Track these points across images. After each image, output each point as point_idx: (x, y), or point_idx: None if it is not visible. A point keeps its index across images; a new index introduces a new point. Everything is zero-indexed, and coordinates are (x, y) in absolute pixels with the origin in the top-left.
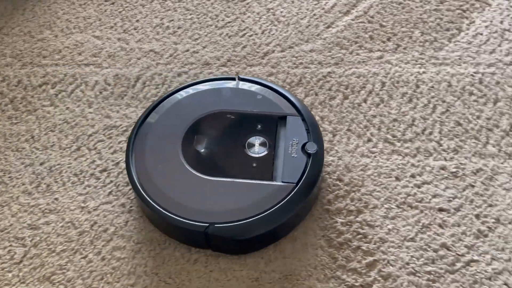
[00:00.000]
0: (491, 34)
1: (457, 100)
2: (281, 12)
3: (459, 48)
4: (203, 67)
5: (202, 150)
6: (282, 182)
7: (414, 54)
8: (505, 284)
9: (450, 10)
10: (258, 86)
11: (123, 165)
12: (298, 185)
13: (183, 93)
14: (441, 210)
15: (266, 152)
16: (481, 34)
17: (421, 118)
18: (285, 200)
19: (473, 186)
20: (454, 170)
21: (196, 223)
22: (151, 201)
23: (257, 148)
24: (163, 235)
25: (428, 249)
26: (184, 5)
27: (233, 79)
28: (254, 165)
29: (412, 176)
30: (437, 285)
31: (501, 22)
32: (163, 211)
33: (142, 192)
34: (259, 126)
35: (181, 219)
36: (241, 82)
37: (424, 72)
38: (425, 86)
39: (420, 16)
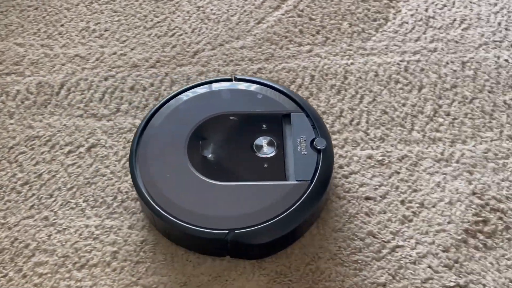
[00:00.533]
0: (416, 22)
1: (383, 89)
2: (211, 10)
3: (385, 37)
4: (131, 69)
5: (209, 156)
6: (296, 181)
7: (343, 46)
8: (429, 267)
9: (377, 0)
10: (256, 85)
11: (46, 176)
12: (313, 183)
13: (180, 99)
14: (367, 198)
15: (275, 152)
16: (407, 22)
17: (349, 109)
18: (302, 199)
19: (398, 172)
20: (381, 158)
21: (216, 231)
22: (164, 213)
23: (265, 148)
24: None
25: (355, 238)
26: (112, 7)
27: (230, 80)
28: (265, 166)
29: (340, 167)
30: (363, 273)
31: (426, 10)
32: (179, 222)
33: (154, 204)
34: (264, 126)
35: (200, 229)
36: (238, 83)
37: (352, 63)
38: (353, 77)
39: (348, 7)
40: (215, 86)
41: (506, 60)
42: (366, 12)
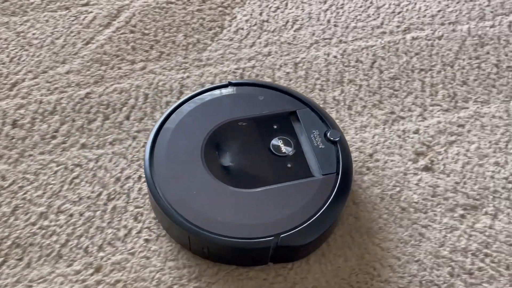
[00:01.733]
0: (251, 27)
1: None
2: (34, 34)
3: (221, 46)
4: None
5: (229, 164)
6: (323, 175)
7: (178, 59)
8: None
9: (212, 8)
10: (254, 87)
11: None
12: (340, 174)
13: (182, 111)
14: None
15: (293, 150)
16: (242, 28)
17: None
18: (335, 191)
19: None
20: None
21: (261, 240)
22: (202, 231)
23: (283, 148)
24: None
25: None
26: None
27: (226, 86)
28: (289, 165)
29: None
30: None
31: (260, 14)
32: (220, 237)
33: (188, 224)
34: (275, 127)
35: (244, 240)
36: (235, 88)
37: (188, 77)
38: (189, 91)
39: (183, 18)
40: (213, 94)
41: (335, 57)
42: (201, 22)
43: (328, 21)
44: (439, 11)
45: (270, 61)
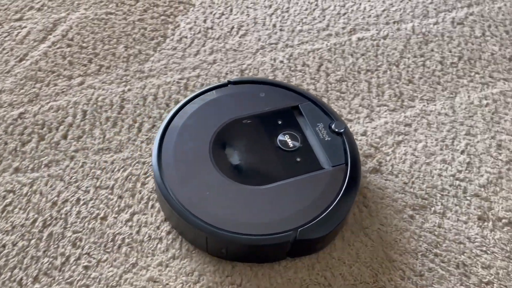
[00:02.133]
0: (195, 35)
1: (163, 112)
2: None
3: (164, 56)
4: None
5: (239, 163)
6: (332, 166)
7: (119, 72)
8: None
9: (154, 17)
10: (254, 85)
11: None
12: (349, 165)
13: (185, 113)
14: None
15: (300, 144)
16: (186, 37)
17: (127, 140)
18: (346, 181)
19: None
20: None
21: (281, 235)
22: (220, 231)
23: (290, 143)
24: None
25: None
26: None
27: (225, 85)
28: (298, 159)
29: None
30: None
31: (204, 21)
32: (239, 235)
33: (206, 225)
34: (280, 122)
35: (264, 237)
36: (235, 86)
37: (129, 90)
38: (130, 105)
39: (123, 29)
40: (213, 94)
41: (282, 62)
42: (143, 32)
43: (274, 25)
44: (383, 10)
45: (216, 69)
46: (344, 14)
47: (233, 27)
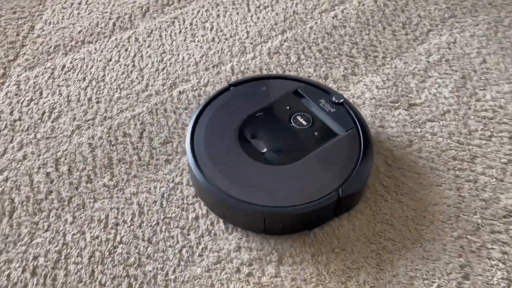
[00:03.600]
0: (1, 132)
1: None
2: None
3: None
4: None
5: (268, 150)
6: (346, 131)
7: None
8: None
9: None
10: (252, 82)
11: None
12: (358, 127)
13: (202, 124)
14: None
15: (312, 121)
16: None
17: None
18: (362, 140)
19: None
20: None
21: (326, 197)
22: (276, 208)
23: (304, 121)
24: None
25: None
26: None
27: (228, 88)
28: (316, 133)
29: None
30: None
31: (11, 113)
32: (293, 207)
33: (263, 207)
34: (288, 107)
35: (313, 202)
36: (235, 88)
37: None
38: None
39: None
40: (220, 100)
41: (101, 138)
42: None
43: (90, 99)
44: (202, 56)
45: (27, 165)
46: (163, 69)
47: (44, 112)
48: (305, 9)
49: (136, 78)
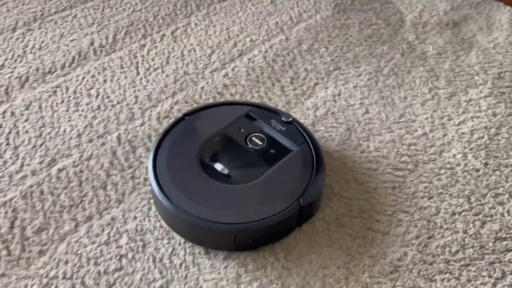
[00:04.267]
0: None
1: None
2: None
3: None
4: None
5: (230, 170)
6: (298, 146)
7: None
8: None
9: None
10: (206, 110)
11: None
12: (309, 141)
13: (164, 151)
14: None
15: (267, 139)
16: None
17: None
18: (314, 153)
19: None
20: None
21: (290, 208)
22: (246, 224)
23: (260, 142)
24: None
25: None
26: None
27: (182, 118)
28: (272, 151)
29: None
30: None
31: None
32: (262, 221)
33: (234, 224)
34: (242, 130)
35: (280, 214)
36: (189, 117)
37: None
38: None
39: None
40: (176, 129)
41: None
42: None
43: None
44: (86, 127)
45: None
46: (42, 144)
47: None
48: (196, 68)
49: (10, 158)
